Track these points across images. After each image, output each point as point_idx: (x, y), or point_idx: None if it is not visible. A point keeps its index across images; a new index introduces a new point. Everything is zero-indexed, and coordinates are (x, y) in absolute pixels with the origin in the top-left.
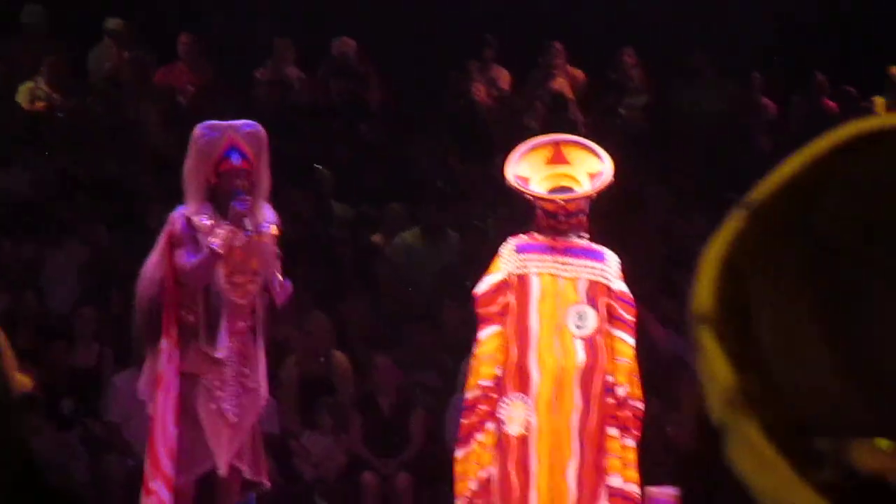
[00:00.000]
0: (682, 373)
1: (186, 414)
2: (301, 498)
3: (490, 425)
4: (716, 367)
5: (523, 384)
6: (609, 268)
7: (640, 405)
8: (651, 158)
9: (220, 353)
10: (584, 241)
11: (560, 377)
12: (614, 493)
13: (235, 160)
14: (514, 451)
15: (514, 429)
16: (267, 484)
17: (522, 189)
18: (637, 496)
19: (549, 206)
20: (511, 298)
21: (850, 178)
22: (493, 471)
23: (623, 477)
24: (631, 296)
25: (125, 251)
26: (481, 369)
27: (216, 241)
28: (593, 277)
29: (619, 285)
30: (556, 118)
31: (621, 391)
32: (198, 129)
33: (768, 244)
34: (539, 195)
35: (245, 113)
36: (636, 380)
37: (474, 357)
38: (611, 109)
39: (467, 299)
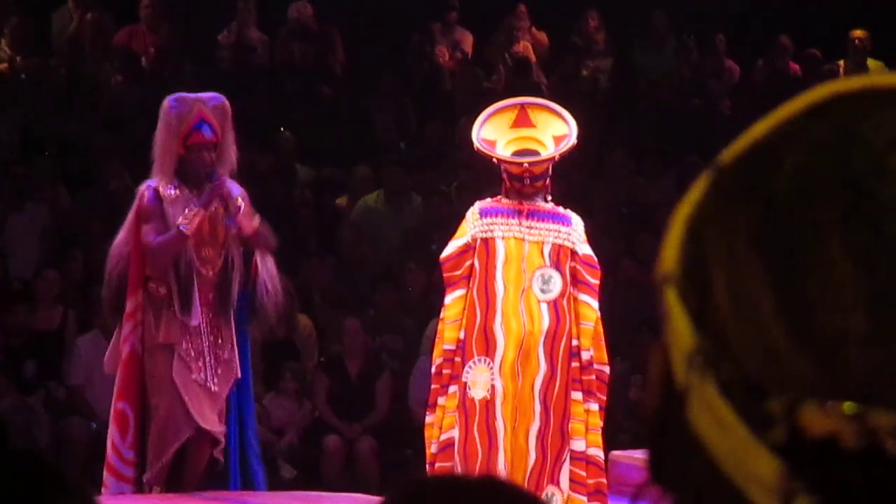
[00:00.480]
0: (646, 337)
1: (164, 386)
2: (264, 461)
3: (453, 388)
4: (678, 328)
5: (488, 348)
6: (575, 231)
7: (606, 369)
8: (614, 121)
9: (195, 320)
10: (549, 205)
11: (525, 341)
12: (577, 457)
13: (206, 133)
14: (477, 414)
15: (478, 393)
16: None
17: (488, 152)
18: (600, 460)
19: (515, 170)
20: (476, 262)
21: (810, 140)
22: (455, 434)
23: (586, 441)
24: (596, 260)
25: (86, 213)
26: (446, 333)
27: (185, 224)
28: (559, 241)
29: (585, 249)
30: (519, 81)
31: (586, 355)
32: (166, 103)
33: (727, 206)
34: (505, 158)
35: (207, 76)
36: (601, 343)
37: (441, 321)
38: (574, 73)
39: (431, 263)
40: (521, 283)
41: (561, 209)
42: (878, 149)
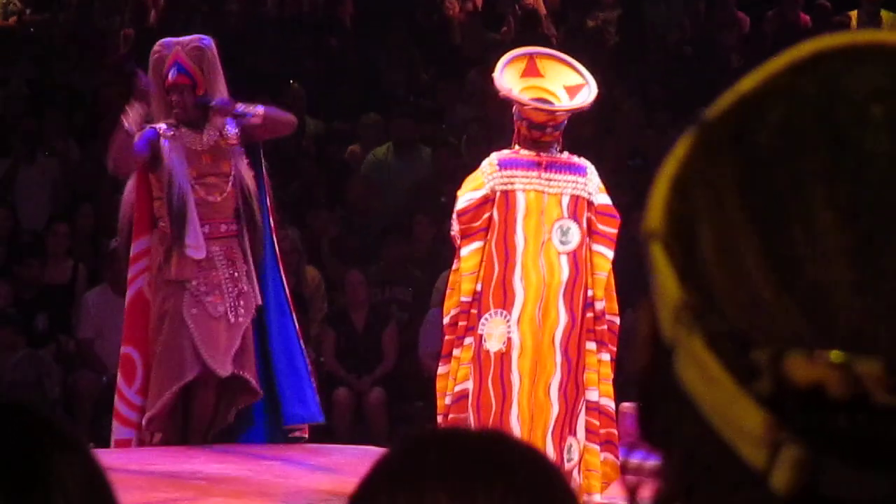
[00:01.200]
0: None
1: (174, 322)
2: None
3: (468, 340)
4: (665, 283)
5: (506, 301)
6: (591, 181)
7: (616, 320)
8: (623, 74)
9: (199, 253)
10: (565, 155)
11: (545, 293)
12: (591, 406)
13: (172, 75)
14: (493, 367)
15: (493, 345)
16: (258, 392)
17: (516, 98)
18: (611, 411)
19: (540, 118)
20: (495, 214)
21: (794, 94)
22: (469, 385)
23: (599, 391)
24: (613, 209)
25: (96, 166)
26: (463, 285)
27: (127, 120)
28: (576, 192)
29: (601, 198)
30: (528, 34)
31: (599, 305)
32: (154, 47)
33: (713, 160)
34: (532, 105)
35: (216, 29)
36: (612, 294)
37: (456, 272)
38: (583, 24)
39: (440, 215)
40: (540, 236)
41: (576, 158)
42: (859, 100)
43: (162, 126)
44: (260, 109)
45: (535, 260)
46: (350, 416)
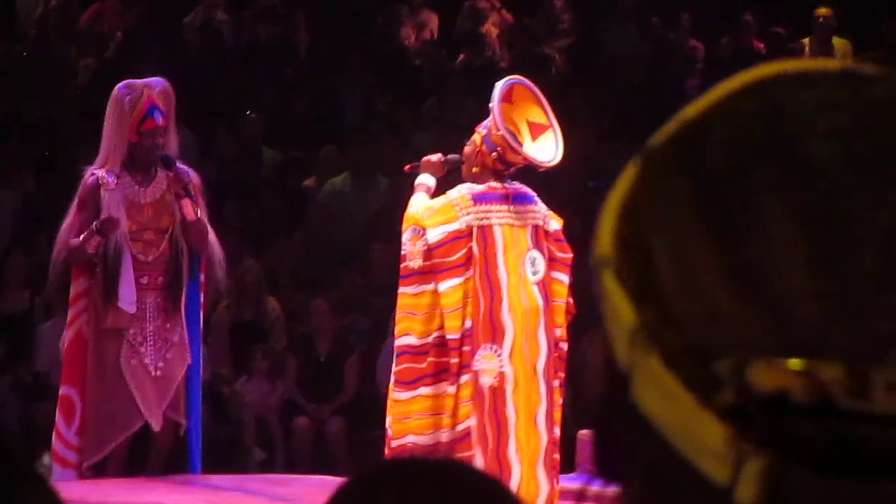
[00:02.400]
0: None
1: (112, 372)
2: (234, 444)
3: (465, 377)
4: (618, 308)
5: (496, 335)
6: (541, 209)
7: (565, 346)
8: (578, 101)
9: (130, 306)
10: (519, 185)
11: (529, 324)
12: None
13: (158, 119)
14: (487, 402)
15: (486, 380)
16: (183, 422)
17: (510, 142)
18: (557, 437)
19: (513, 159)
20: (475, 249)
21: (739, 114)
22: (472, 423)
23: (555, 419)
24: (563, 235)
25: (53, 197)
26: (448, 322)
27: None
28: (535, 222)
29: (554, 225)
30: (483, 61)
31: (559, 332)
32: (117, 90)
33: (662, 182)
34: (524, 155)
35: (174, 59)
36: (564, 320)
37: (431, 307)
38: (539, 52)
39: (398, 243)
40: (518, 269)
41: (526, 188)
42: (804, 114)
43: (102, 174)
44: (198, 210)
45: (518, 293)
46: (310, 445)
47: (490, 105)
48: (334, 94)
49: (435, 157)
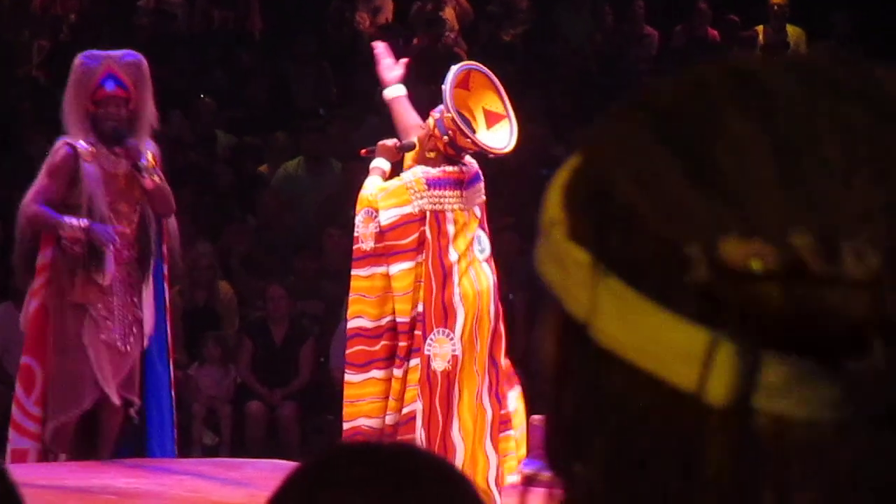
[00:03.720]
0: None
1: (72, 347)
2: (187, 429)
3: (414, 361)
4: (571, 255)
5: (448, 319)
6: (483, 186)
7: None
8: (533, 89)
9: (107, 280)
10: (469, 167)
11: (479, 305)
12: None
13: (109, 87)
14: (440, 386)
15: (439, 364)
16: (136, 400)
17: (465, 131)
18: (511, 413)
19: (465, 144)
20: (427, 233)
21: (691, 71)
22: (418, 406)
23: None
24: None
25: (5, 180)
26: (398, 306)
27: (67, 232)
28: (481, 199)
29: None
30: (437, 48)
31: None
32: (78, 58)
33: (620, 121)
34: (472, 139)
35: (127, 42)
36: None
37: (366, 279)
38: (495, 39)
39: (351, 228)
40: (468, 253)
41: (474, 163)
42: (768, 63)
43: (81, 144)
44: (156, 177)
45: (468, 276)
46: (263, 430)
47: (443, 87)
48: (287, 79)
49: (390, 142)
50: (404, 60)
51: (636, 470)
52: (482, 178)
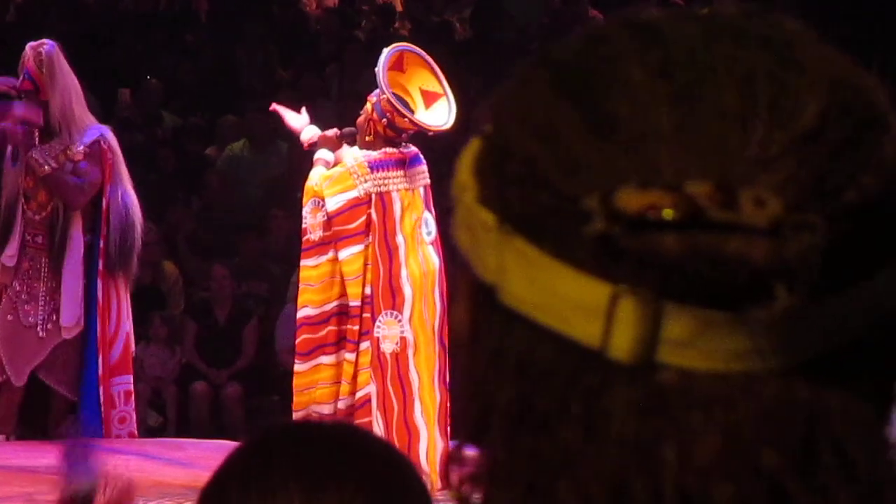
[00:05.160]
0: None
1: None
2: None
3: (365, 344)
4: (479, 218)
5: (396, 301)
6: (426, 169)
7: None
8: (476, 69)
9: (10, 261)
10: (412, 148)
11: (426, 287)
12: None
13: (19, 81)
14: (390, 368)
15: (388, 346)
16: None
17: (397, 106)
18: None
19: (403, 125)
20: (373, 216)
21: (591, 27)
22: (372, 389)
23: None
24: None
25: None
26: (350, 289)
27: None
28: (424, 182)
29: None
30: (384, 30)
31: None
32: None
33: (520, 85)
34: (409, 118)
35: (74, 23)
36: None
37: (329, 275)
38: (440, 21)
39: (296, 210)
40: (415, 233)
41: (413, 147)
42: (658, 10)
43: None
44: (46, 168)
45: (416, 257)
46: (207, 410)
47: (376, 70)
48: (233, 61)
49: (331, 132)
50: (301, 107)
51: (538, 432)
52: (423, 160)
